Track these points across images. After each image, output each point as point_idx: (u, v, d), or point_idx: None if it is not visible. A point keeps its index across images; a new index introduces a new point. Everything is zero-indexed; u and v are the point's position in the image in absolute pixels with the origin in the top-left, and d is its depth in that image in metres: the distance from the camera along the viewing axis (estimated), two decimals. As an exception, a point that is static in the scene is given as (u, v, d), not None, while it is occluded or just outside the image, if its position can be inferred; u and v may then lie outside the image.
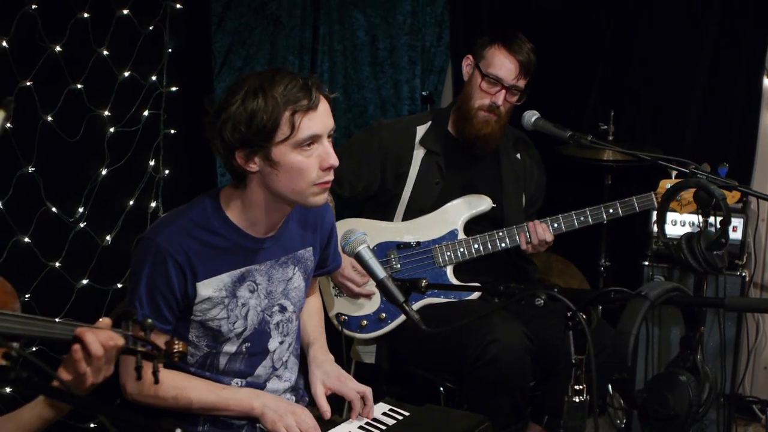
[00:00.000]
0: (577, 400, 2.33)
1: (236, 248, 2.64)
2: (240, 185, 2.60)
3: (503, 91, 3.71)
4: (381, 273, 2.51)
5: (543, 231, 3.73)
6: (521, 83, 3.74)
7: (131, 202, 4.01)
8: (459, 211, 3.80)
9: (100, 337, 2.01)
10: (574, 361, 2.31)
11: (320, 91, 2.52)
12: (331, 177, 2.57)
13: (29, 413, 2.09)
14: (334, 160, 2.53)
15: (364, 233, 2.57)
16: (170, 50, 4.12)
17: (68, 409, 2.08)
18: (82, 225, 3.78)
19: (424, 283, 2.52)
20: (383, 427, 2.69)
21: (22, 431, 2.09)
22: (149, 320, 2.14)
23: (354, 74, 5.05)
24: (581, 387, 2.33)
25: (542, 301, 2.35)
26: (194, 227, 2.60)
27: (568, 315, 2.30)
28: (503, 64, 3.70)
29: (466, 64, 3.82)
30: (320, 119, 2.50)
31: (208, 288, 2.60)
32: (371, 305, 3.76)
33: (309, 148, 2.49)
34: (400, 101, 5.08)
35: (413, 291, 2.54)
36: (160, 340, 2.18)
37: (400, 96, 5.08)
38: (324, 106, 2.52)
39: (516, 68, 3.70)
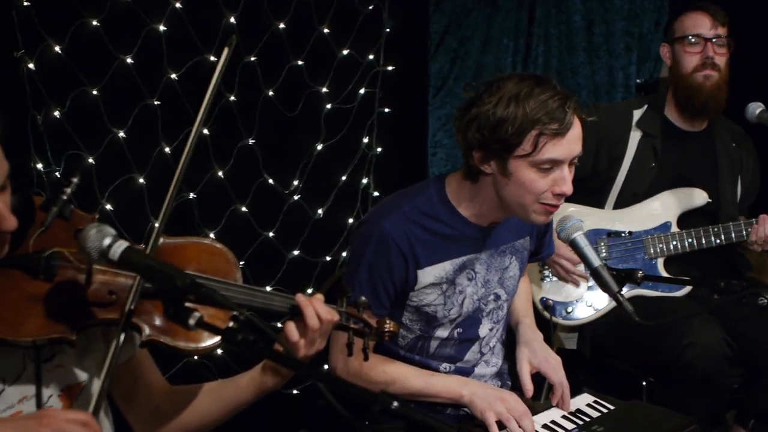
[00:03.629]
0: (796, 406, 2.25)
1: (461, 237, 2.62)
2: (471, 178, 2.57)
3: (708, 44, 3.65)
4: (596, 261, 2.46)
5: None
6: (721, 31, 3.67)
7: (343, 178, 4.10)
8: (673, 203, 3.71)
9: (320, 309, 2.04)
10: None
11: (577, 113, 2.43)
12: (559, 203, 2.49)
13: (246, 379, 2.15)
14: (568, 189, 2.46)
15: (581, 220, 2.52)
16: (388, 30, 4.18)
17: (286, 379, 2.11)
18: (296, 197, 3.90)
19: (639, 274, 2.47)
20: (587, 419, 2.64)
21: (237, 397, 2.15)
22: (363, 298, 2.17)
23: (568, 59, 4.99)
24: (801, 392, 2.24)
25: (766, 301, 2.27)
26: (419, 214, 2.58)
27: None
28: (695, 22, 3.68)
29: (665, 51, 3.80)
30: (566, 146, 2.41)
31: (429, 275, 2.60)
32: (577, 292, 3.71)
33: (547, 170, 2.43)
34: (614, 88, 4.99)
35: (628, 281, 2.48)
36: (372, 320, 2.20)
37: (614, 83, 4.99)
38: (575, 132, 2.42)
39: (709, 19, 3.67)
